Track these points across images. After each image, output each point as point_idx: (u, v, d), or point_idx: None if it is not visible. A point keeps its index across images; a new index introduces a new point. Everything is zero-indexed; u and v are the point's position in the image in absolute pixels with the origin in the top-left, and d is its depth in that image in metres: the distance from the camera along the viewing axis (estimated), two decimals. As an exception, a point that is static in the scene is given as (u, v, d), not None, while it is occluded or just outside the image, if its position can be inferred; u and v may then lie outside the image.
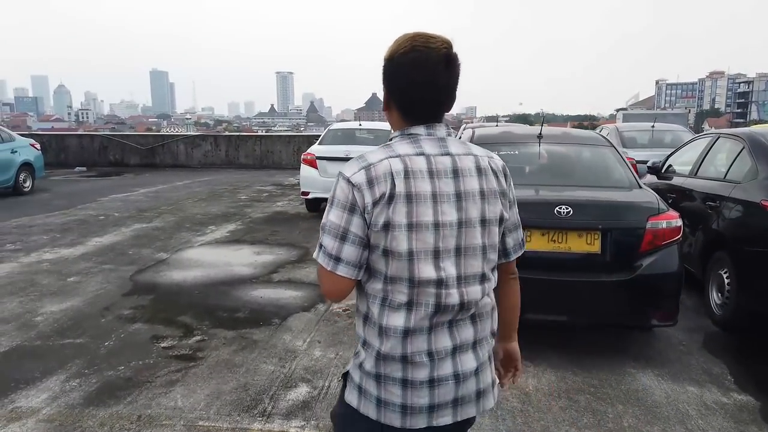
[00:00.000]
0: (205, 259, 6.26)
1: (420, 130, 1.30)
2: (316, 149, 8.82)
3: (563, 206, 3.50)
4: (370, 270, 1.30)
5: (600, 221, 3.52)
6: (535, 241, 3.53)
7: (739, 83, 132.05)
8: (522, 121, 51.63)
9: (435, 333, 1.29)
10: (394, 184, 1.22)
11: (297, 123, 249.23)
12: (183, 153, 17.46)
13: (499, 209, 1.33)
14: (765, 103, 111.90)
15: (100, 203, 10.07)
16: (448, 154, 1.29)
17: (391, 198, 1.22)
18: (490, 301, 1.38)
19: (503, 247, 1.42)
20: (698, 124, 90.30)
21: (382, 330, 1.29)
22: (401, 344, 1.28)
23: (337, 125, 10.21)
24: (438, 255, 1.25)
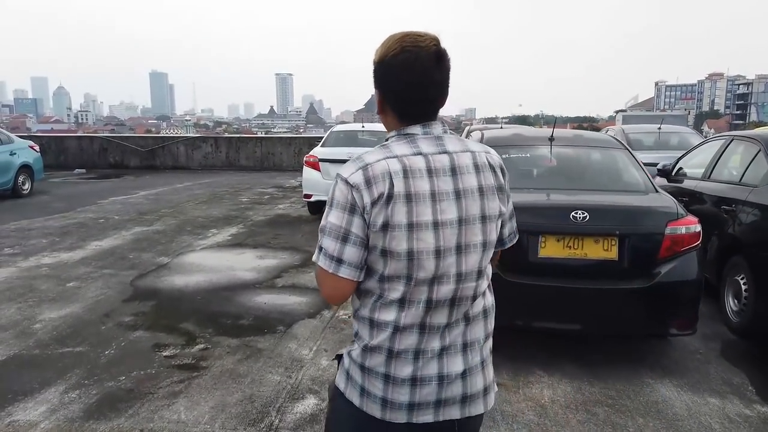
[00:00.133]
0: (206, 263, 6.14)
1: (416, 129, 1.29)
2: (318, 151, 8.70)
3: (579, 211, 3.38)
4: (366, 269, 1.29)
5: (618, 227, 3.41)
6: (550, 247, 3.41)
7: (739, 85, 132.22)
8: (521, 123, 51.63)
9: (427, 333, 1.28)
10: (392, 183, 1.21)
11: (296, 124, 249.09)
12: (183, 155, 17.35)
13: (497, 205, 1.33)
14: (764, 105, 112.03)
15: (99, 206, 9.95)
16: (445, 152, 1.28)
17: (389, 198, 1.21)
18: (484, 303, 1.37)
19: (500, 237, 1.42)
20: (698, 126, 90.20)
21: (373, 324, 1.29)
22: (389, 340, 1.28)
23: (339, 127, 10.10)
24: (439, 254, 1.24)
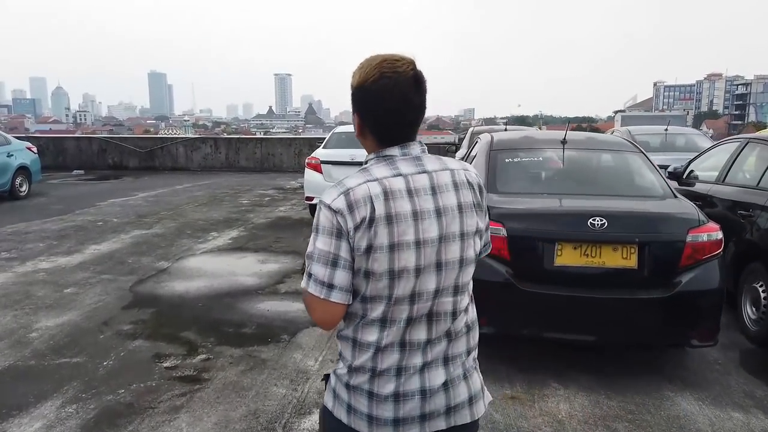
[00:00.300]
0: (207, 268, 6.01)
1: (395, 151, 1.32)
2: (320, 153, 8.56)
3: (597, 218, 3.25)
4: None
5: (637, 234, 3.28)
6: (566, 255, 3.28)
7: (737, 85, 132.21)
8: (520, 123, 51.46)
9: (407, 350, 1.30)
10: (373, 207, 1.23)
11: (295, 125, 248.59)
12: (182, 156, 17.20)
13: (476, 221, 1.35)
14: (763, 105, 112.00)
15: (98, 208, 9.81)
16: (424, 171, 1.31)
17: (371, 222, 1.23)
18: (466, 319, 1.38)
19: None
20: (696, 126, 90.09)
21: (356, 344, 1.32)
22: (372, 360, 1.30)
23: (341, 128, 9.94)
24: (419, 273, 1.27)
